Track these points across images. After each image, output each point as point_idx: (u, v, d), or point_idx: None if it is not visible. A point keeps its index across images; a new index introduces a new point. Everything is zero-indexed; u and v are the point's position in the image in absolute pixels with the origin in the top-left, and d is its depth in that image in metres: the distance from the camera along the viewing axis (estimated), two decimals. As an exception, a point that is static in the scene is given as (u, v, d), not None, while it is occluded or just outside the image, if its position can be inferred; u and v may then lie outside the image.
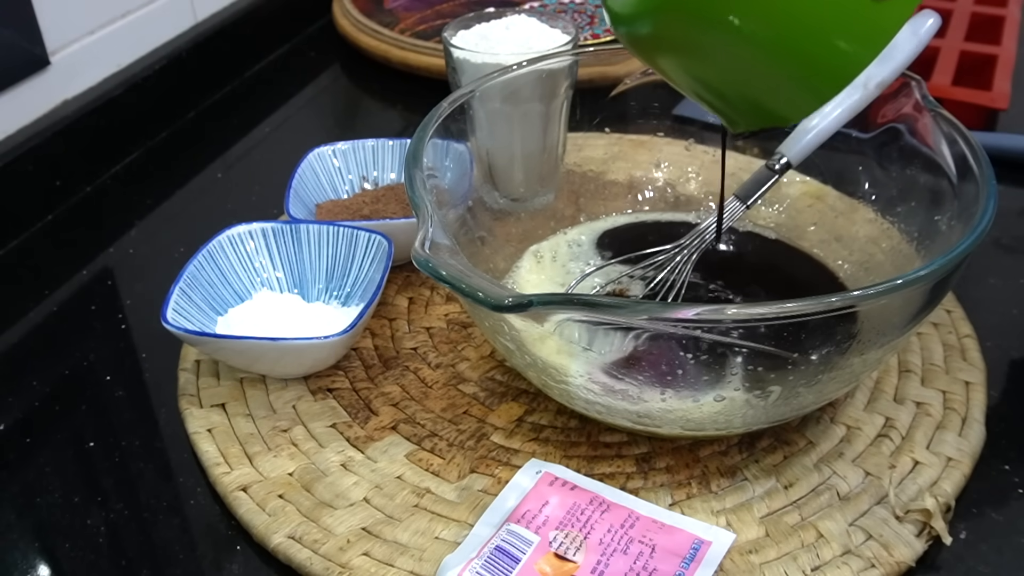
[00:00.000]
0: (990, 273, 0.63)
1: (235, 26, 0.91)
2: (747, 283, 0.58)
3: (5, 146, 0.70)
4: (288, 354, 0.53)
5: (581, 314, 0.42)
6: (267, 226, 0.59)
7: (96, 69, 0.79)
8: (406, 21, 0.97)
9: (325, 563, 0.45)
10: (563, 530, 0.44)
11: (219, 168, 0.80)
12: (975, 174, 0.48)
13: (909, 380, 0.54)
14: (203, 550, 0.47)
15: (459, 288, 0.41)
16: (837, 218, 0.60)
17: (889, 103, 0.55)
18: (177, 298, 0.54)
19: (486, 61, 0.61)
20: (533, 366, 0.48)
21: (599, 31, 0.93)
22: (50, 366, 0.59)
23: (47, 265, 0.68)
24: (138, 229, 0.72)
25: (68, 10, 0.75)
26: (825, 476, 0.48)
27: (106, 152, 0.79)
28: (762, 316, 0.41)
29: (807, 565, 0.44)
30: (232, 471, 0.50)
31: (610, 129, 0.65)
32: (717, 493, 0.48)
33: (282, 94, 0.91)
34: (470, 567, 0.43)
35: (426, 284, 0.63)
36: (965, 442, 0.50)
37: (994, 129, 0.79)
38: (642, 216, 0.65)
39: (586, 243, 0.62)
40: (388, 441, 0.51)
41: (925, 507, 0.46)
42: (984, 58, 0.83)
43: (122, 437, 0.54)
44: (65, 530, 0.48)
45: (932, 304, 0.46)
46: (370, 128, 0.87)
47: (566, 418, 0.52)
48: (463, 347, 0.58)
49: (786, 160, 0.54)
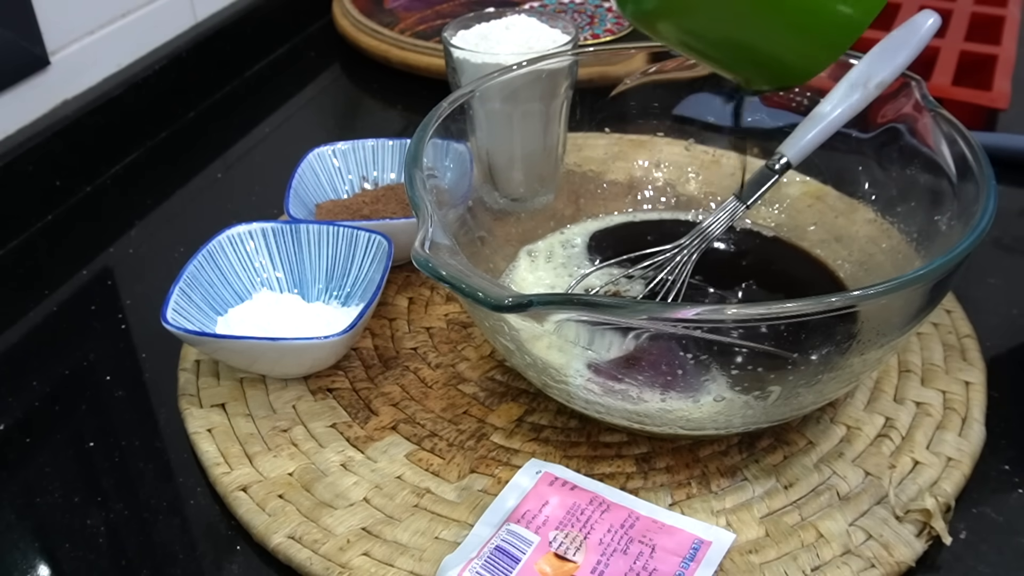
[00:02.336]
0: (990, 273, 0.63)
1: (235, 26, 0.91)
2: (747, 283, 0.58)
3: (5, 146, 0.70)
4: (288, 354, 0.53)
5: (581, 314, 0.42)
6: (267, 226, 0.60)
7: (96, 69, 0.79)
8: (406, 21, 0.97)
9: (325, 563, 0.45)
10: (563, 530, 0.44)
11: (219, 168, 0.80)
12: (975, 174, 0.48)
13: (909, 380, 0.54)
14: (203, 550, 0.47)
15: (459, 288, 0.41)
16: (837, 218, 0.60)
17: (889, 103, 0.55)
18: (177, 298, 0.54)
19: (486, 61, 0.61)
20: (533, 366, 0.48)
21: (599, 31, 0.93)
22: (50, 366, 0.59)
23: (47, 265, 0.68)
24: (138, 229, 0.72)
25: (68, 10, 0.75)
26: (825, 476, 0.48)
27: (106, 152, 0.79)
28: (762, 316, 0.41)
29: (807, 565, 0.44)
30: (232, 471, 0.50)
31: (610, 129, 0.65)
32: (717, 493, 0.48)
33: (282, 94, 0.91)
34: (470, 567, 0.43)
35: (426, 284, 0.63)
36: (965, 442, 0.50)
37: (994, 129, 0.79)
38: (638, 215, 0.65)
39: (580, 244, 0.62)
40: (388, 441, 0.52)
41: (925, 507, 0.46)
42: (984, 58, 0.83)
43: (122, 437, 0.54)
44: (65, 530, 0.48)
45: (932, 304, 0.46)
46: (370, 128, 0.87)
47: (566, 418, 0.52)
48: (463, 347, 0.58)
49: (786, 160, 0.54)
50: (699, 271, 0.56)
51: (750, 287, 0.57)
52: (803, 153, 0.54)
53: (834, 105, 0.53)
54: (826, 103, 0.54)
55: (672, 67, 0.63)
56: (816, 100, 0.55)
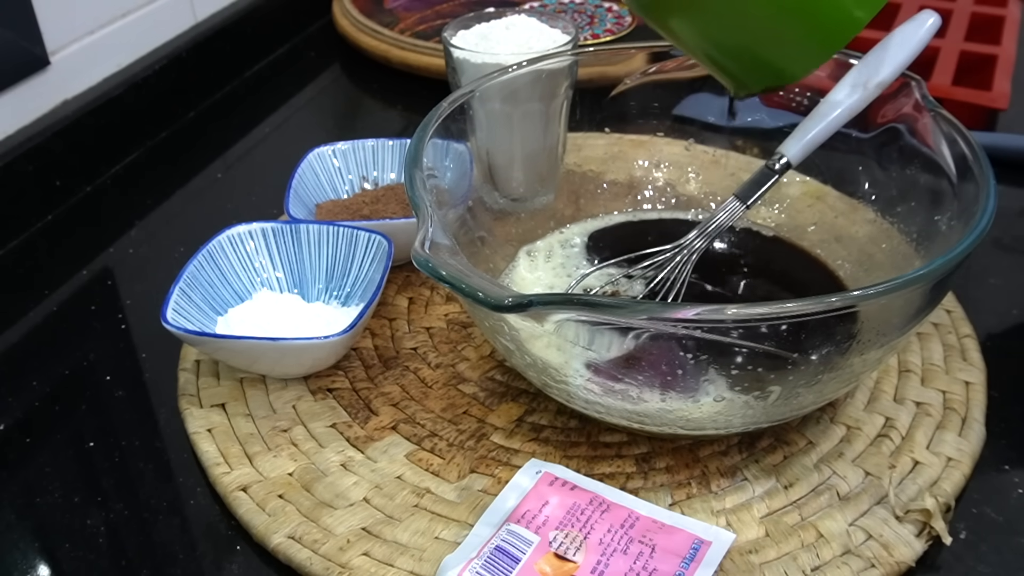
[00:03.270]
0: (990, 273, 0.63)
1: (235, 26, 0.91)
2: (746, 283, 0.58)
3: (5, 146, 0.70)
4: (288, 354, 0.53)
5: (581, 314, 0.42)
6: (267, 226, 0.60)
7: (96, 69, 0.79)
8: (406, 21, 0.97)
9: (325, 563, 0.45)
10: (563, 530, 0.44)
11: (219, 168, 0.80)
12: (975, 174, 0.48)
13: (909, 380, 0.54)
14: (203, 550, 0.47)
15: (459, 288, 0.41)
16: (837, 218, 0.60)
17: (889, 103, 0.55)
18: (177, 298, 0.54)
19: (486, 61, 0.61)
20: (533, 366, 0.48)
21: (599, 31, 0.93)
22: (50, 366, 0.59)
23: (47, 265, 0.68)
24: (138, 229, 0.72)
25: (68, 10, 0.75)
26: (825, 476, 0.48)
27: (106, 152, 0.79)
28: (762, 316, 0.41)
29: (807, 565, 0.44)
30: (232, 471, 0.50)
31: (610, 129, 0.65)
32: (717, 493, 0.48)
33: (282, 94, 0.91)
34: (470, 567, 0.43)
35: (426, 284, 0.63)
36: (965, 442, 0.50)
37: (994, 129, 0.79)
38: (638, 215, 0.65)
39: (579, 243, 0.62)
40: (388, 441, 0.52)
41: (925, 507, 0.46)
42: (984, 58, 0.83)
43: (122, 437, 0.54)
44: (65, 530, 0.48)
45: (932, 304, 0.46)
46: (370, 128, 0.87)
47: (566, 418, 0.52)
48: (463, 347, 0.58)
49: (786, 160, 0.54)
50: (699, 271, 0.56)
51: (750, 287, 0.57)
52: (803, 153, 0.54)
53: (834, 105, 0.53)
54: (826, 103, 0.54)
55: (672, 67, 0.63)
56: (816, 100, 0.55)
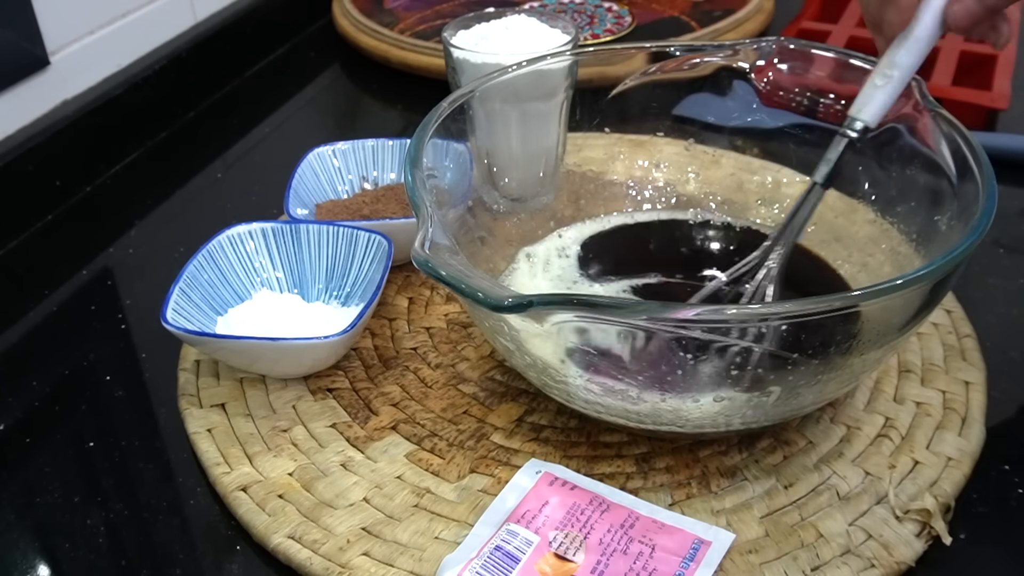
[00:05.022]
0: (990, 273, 0.63)
1: (235, 26, 0.91)
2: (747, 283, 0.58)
3: (5, 146, 0.70)
4: (288, 354, 0.53)
5: (581, 314, 0.42)
6: (267, 226, 0.60)
7: (96, 69, 0.79)
8: (406, 21, 0.97)
9: (325, 563, 0.45)
10: (563, 530, 0.44)
11: (219, 168, 0.80)
12: (975, 174, 0.48)
13: (909, 380, 0.54)
14: (203, 550, 0.47)
15: (459, 288, 0.41)
16: (837, 218, 0.60)
17: (889, 103, 0.55)
18: (177, 298, 0.54)
19: (486, 61, 0.61)
20: (533, 366, 0.48)
21: (599, 31, 0.93)
22: (50, 366, 0.59)
23: (47, 265, 0.68)
24: (138, 229, 0.72)
25: (68, 10, 0.75)
26: (825, 476, 0.48)
27: (106, 152, 0.79)
28: (762, 316, 0.41)
29: (807, 565, 0.44)
30: (232, 471, 0.50)
31: (610, 129, 0.65)
32: (717, 493, 0.48)
33: (282, 94, 0.91)
34: (470, 567, 0.43)
35: (426, 284, 0.63)
36: (965, 442, 0.50)
37: (994, 129, 0.79)
38: (637, 216, 0.64)
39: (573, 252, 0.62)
40: (388, 441, 0.51)
41: (925, 507, 0.46)
42: (984, 58, 0.83)
43: (122, 437, 0.54)
44: (65, 530, 0.48)
45: (932, 304, 0.46)
46: (370, 128, 0.87)
47: (566, 418, 0.52)
48: (463, 347, 0.58)
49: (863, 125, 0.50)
50: (698, 270, 0.56)
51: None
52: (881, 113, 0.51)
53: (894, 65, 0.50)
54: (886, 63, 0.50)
55: (672, 67, 0.62)
56: (816, 100, 0.55)
